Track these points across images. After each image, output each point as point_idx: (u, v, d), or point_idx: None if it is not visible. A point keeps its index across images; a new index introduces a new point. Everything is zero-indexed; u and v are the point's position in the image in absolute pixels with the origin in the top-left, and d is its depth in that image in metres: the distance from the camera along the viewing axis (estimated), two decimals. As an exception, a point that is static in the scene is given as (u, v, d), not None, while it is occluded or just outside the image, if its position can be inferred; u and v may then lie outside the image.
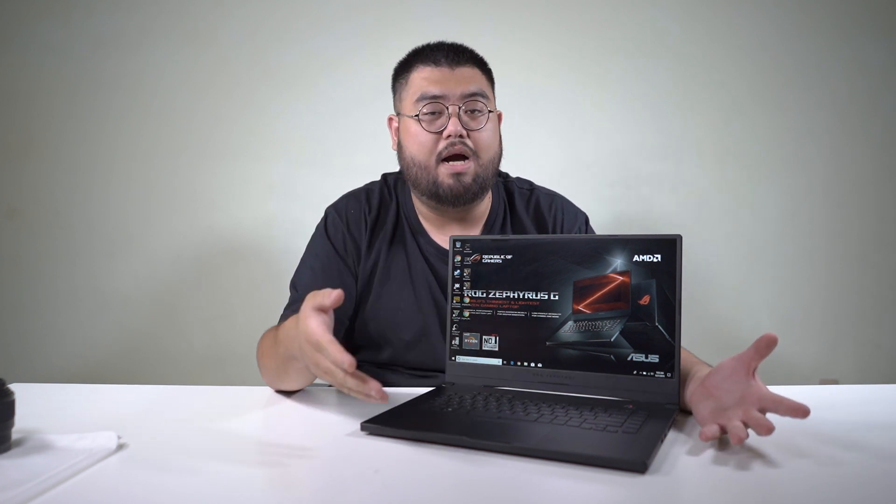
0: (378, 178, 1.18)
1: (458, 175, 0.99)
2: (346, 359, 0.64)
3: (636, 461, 0.59)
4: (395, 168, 1.36)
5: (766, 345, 0.67)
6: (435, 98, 0.99)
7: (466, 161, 1.00)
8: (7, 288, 1.84)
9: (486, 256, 0.92)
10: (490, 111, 1.03)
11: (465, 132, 0.99)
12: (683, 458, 0.63)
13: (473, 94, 1.00)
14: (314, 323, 0.67)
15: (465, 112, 1.00)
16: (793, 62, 1.81)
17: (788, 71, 1.81)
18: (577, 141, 1.84)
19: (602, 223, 1.18)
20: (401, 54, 1.10)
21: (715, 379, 0.71)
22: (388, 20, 1.81)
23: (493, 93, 1.08)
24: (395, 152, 1.10)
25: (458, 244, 0.94)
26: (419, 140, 1.01)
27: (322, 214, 1.13)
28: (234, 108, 1.84)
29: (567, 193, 1.20)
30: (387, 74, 1.86)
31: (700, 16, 1.82)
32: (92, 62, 1.82)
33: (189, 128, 1.84)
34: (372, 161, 1.78)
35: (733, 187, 1.83)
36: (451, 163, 1.00)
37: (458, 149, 0.99)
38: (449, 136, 0.99)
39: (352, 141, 1.82)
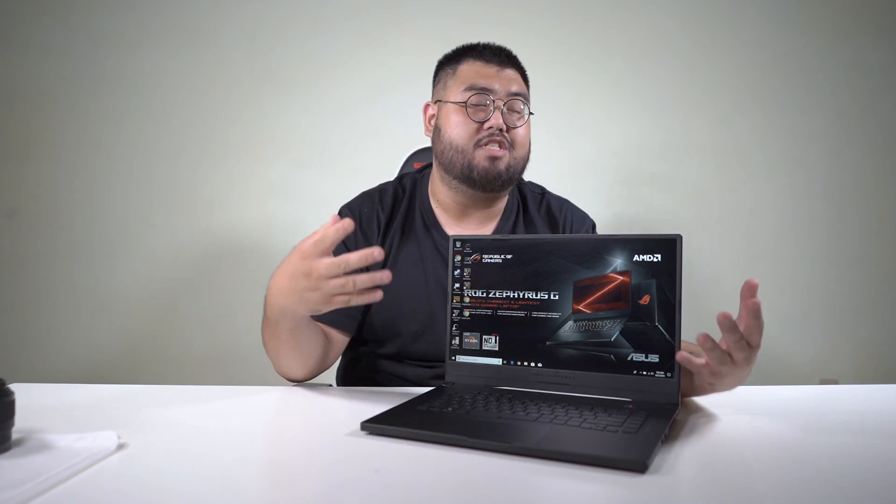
0: (381, 179, 1.20)
1: (493, 159, 1.04)
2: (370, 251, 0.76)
3: (636, 461, 0.59)
4: (396, 168, 1.37)
5: (748, 289, 0.72)
6: (483, 90, 1.04)
7: (503, 149, 1.04)
8: (7, 288, 1.84)
9: (486, 256, 0.92)
10: (529, 114, 1.08)
11: (505, 126, 1.04)
12: (683, 458, 0.63)
13: (517, 94, 1.06)
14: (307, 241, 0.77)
15: (508, 109, 1.05)
16: (793, 62, 1.81)
17: (788, 71, 1.81)
18: (577, 141, 1.84)
19: (602, 223, 1.19)
20: (401, 54, 1.11)
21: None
22: (388, 20, 1.81)
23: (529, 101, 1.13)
24: (429, 138, 1.13)
25: (458, 244, 0.93)
26: (462, 125, 1.05)
27: (320, 214, 1.14)
28: (234, 108, 1.84)
29: (567, 193, 1.21)
30: (387, 74, 1.88)
31: (700, 16, 1.82)
32: (92, 62, 1.82)
33: (189, 128, 1.84)
34: (372, 161, 1.79)
35: (733, 187, 1.83)
36: (489, 146, 1.04)
37: (497, 139, 1.04)
38: (491, 127, 1.03)
39: (352, 141, 1.82)
